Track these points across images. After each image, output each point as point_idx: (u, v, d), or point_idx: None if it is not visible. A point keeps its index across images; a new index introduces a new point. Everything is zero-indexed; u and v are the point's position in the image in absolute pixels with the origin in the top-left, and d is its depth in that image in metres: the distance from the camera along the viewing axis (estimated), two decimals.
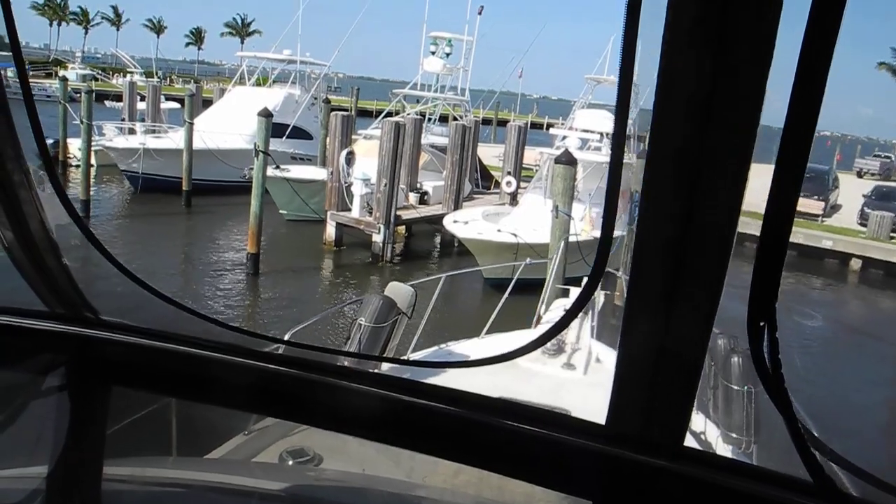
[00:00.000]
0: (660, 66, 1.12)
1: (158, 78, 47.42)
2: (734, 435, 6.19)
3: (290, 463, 4.49)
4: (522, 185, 27.71)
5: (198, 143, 28.40)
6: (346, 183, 23.50)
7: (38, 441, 2.07)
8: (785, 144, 1.11)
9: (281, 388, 1.84)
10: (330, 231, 23.63)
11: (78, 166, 28.77)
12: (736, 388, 6.17)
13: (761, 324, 1.26)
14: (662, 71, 1.12)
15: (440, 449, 1.74)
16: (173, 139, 29.94)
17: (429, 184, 26.47)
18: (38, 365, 2.12)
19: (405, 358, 7.56)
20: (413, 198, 25.53)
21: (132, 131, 32.03)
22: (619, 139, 1.39)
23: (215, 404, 2.26)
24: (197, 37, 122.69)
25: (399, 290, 7.33)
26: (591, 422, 1.54)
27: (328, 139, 26.98)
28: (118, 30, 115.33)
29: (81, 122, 26.99)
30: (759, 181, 1.22)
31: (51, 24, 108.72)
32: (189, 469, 2.97)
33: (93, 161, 27.48)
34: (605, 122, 25.26)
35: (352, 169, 23.64)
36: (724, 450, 6.06)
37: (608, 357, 7.62)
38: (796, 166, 1.14)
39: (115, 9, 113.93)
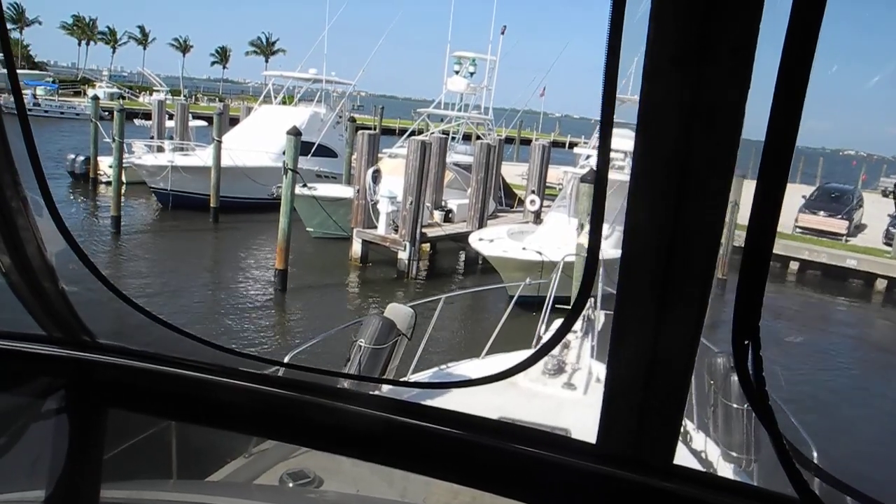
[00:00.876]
0: (642, 80, 1.13)
1: (184, 96, 48.17)
2: (734, 454, 6.19)
3: (291, 485, 4.52)
4: (546, 203, 27.89)
5: (225, 161, 28.87)
6: (372, 201, 23.81)
7: (35, 465, 2.08)
8: (766, 160, 1.11)
9: (280, 410, 1.84)
10: (356, 248, 23.92)
11: (109, 183, 29.32)
12: (736, 406, 6.17)
13: (745, 342, 1.26)
14: (645, 85, 1.13)
15: (439, 470, 1.75)
16: (201, 157, 30.45)
17: (453, 202, 26.72)
18: (35, 389, 2.12)
19: (404, 379, 7.55)
20: (438, 215, 25.80)
21: (160, 149, 32.56)
22: (603, 157, 1.40)
23: (214, 427, 2.24)
24: (222, 56, 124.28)
25: (399, 312, 7.30)
26: (584, 441, 1.56)
27: (355, 157, 27.29)
28: (145, 49, 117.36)
29: (113, 139, 27.43)
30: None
31: (79, 44, 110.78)
32: (190, 492, 3.00)
33: (123, 178, 27.94)
34: (629, 141, 25.29)
35: (378, 187, 23.96)
36: (724, 468, 6.08)
37: None
38: (777, 182, 1.14)
39: (142, 28, 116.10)
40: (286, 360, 5.95)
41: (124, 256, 23.79)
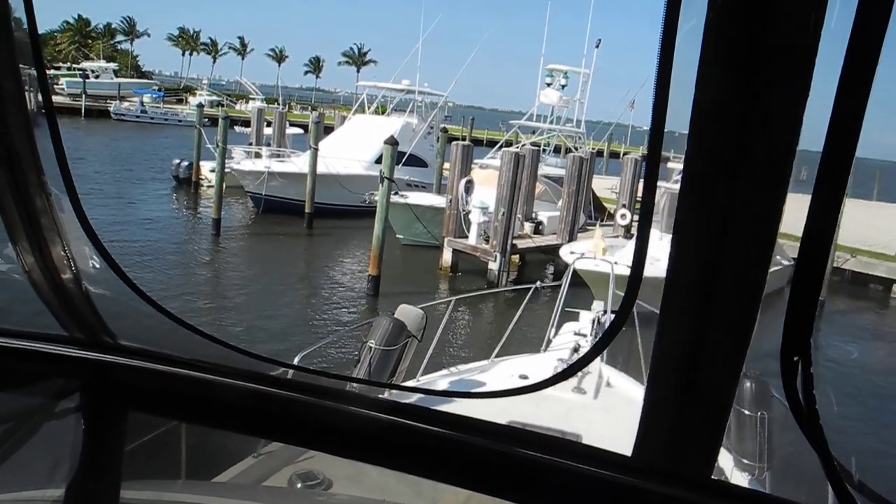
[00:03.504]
0: (695, 88, 1.10)
1: (280, 105, 49.59)
2: (747, 461, 6.02)
3: (299, 486, 4.50)
4: (636, 217, 27.51)
5: (319, 168, 29.63)
6: (464, 210, 24.00)
7: (55, 465, 2.06)
8: (823, 171, 1.06)
9: (290, 412, 1.83)
10: (447, 257, 24.14)
11: (210, 187, 30.47)
12: (748, 413, 6.00)
13: (795, 358, 1.21)
14: (696, 93, 1.10)
15: (450, 475, 1.72)
16: (296, 163, 31.31)
17: (543, 214, 26.67)
18: (56, 389, 2.10)
19: (416, 385, 7.34)
20: (528, 227, 25.78)
21: (258, 155, 33.62)
22: (652, 170, 1.34)
23: (228, 429, 2.24)
24: (315, 66, 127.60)
25: (409, 313, 7.24)
26: (616, 453, 1.50)
27: (446, 167, 27.54)
28: (243, 59, 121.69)
29: (217, 145, 28.59)
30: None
31: (183, 54, 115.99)
32: (198, 493, 2.99)
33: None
34: None
35: (470, 197, 24.13)
36: (739, 476, 5.95)
37: (618, 381, 7.52)
38: (834, 193, 1.09)
39: (241, 39, 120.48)
40: (296, 361, 5.98)
41: (224, 257, 24.75)
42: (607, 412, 6.60)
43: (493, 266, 22.89)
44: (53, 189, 1.85)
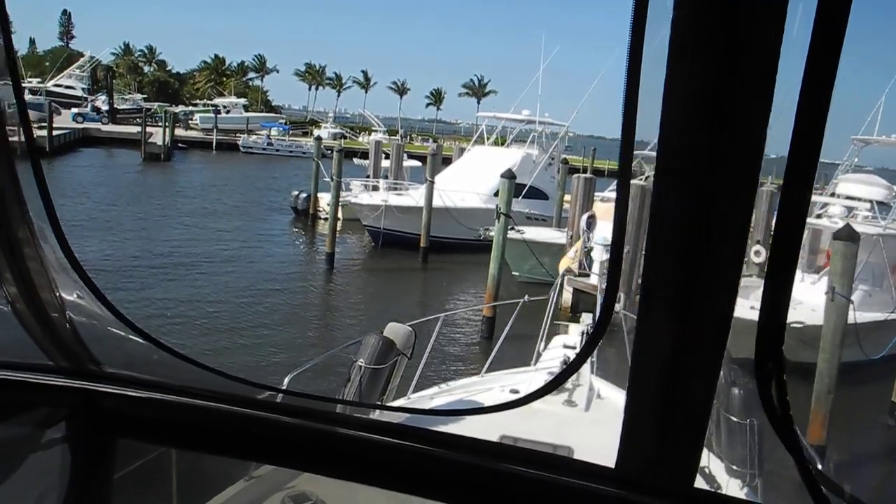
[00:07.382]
0: (664, 87, 1.12)
1: (400, 136, 50.13)
2: (738, 468, 6.11)
3: None
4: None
5: (436, 201, 29.15)
6: (586, 247, 22.66)
7: (44, 495, 2.10)
8: (788, 185, 1.08)
9: (281, 436, 1.85)
10: (566, 296, 22.70)
11: (326, 219, 30.60)
12: (738, 420, 6.11)
13: (769, 365, 1.24)
14: (666, 92, 1.13)
15: (441, 493, 1.71)
16: (413, 196, 31.06)
17: None
18: (42, 419, 2.12)
19: (406, 403, 7.47)
20: None
21: (376, 188, 33.63)
22: (625, 175, 1.29)
23: (218, 454, 2.27)
24: (436, 97, 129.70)
25: (398, 331, 7.24)
26: (600, 465, 1.52)
27: (569, 200, 26.44)
28: (366, 92, 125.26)
29: (332, 178, 28.76)
30: None
31: (309, 89, 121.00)
32: None
33: (339, 215, 29.01)
34: (875, 189, 22.49)
35: (592, 233, 22.80)
36: (730, 483, 6.04)
37: (609, 393, 7.64)
38: (799, 207, 1.10)
39: (364, 73, 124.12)
40: (285, 384, 5.91)
41: (334, 291, 24.52)
42: (598, 424, 6.72)
43: (617, 307, 21.27)
44: (37, 220, 1.84)
